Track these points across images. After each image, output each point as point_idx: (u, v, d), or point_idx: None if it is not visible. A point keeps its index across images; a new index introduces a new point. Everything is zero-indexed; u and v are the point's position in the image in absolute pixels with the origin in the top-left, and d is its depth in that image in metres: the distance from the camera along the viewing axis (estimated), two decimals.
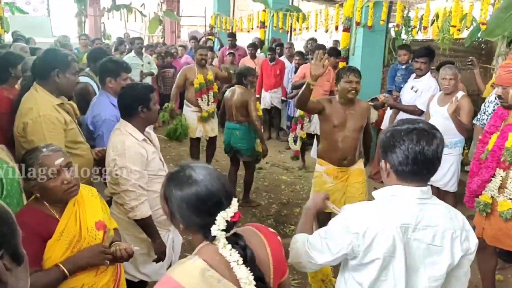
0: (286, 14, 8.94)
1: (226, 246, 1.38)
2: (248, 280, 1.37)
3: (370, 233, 1.61)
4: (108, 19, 15.49)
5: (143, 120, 2.65)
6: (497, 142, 2.98)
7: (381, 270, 1.63)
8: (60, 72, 2.72)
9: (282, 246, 1.58)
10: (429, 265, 1.63)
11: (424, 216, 1.63)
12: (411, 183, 1.65)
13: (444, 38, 5.80)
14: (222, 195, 1.42)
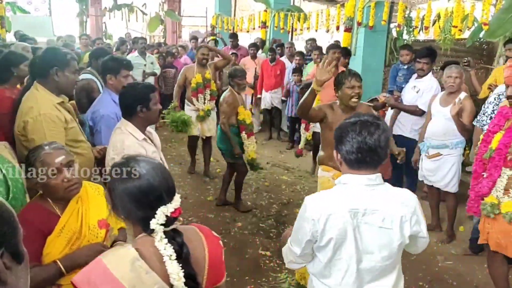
0: (287, 14, 8.95)
1: (163, 240, 1.41)
2: (177, 276, 1.39)
3: (324, 218, 1.77)
4: (109, 18, 15.50)
5: (143, 119, 2.65)
6: (503, 140, 2.92)
7: (335, 250, 1.81)
8: (59, 70, 2.72)
9: (222, 251, 1.62)
10: (381, 246, 1.80)
11: (372, 201, 1.77)
12: (359, 171, 1.79)
13: (446, 38, 5.80)
14: (163, 190, 1.45)
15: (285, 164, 6.81)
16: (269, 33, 9.76)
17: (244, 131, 4.88)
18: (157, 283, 1.37)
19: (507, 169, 2.89)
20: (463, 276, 3.84)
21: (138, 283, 1.35)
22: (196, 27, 18.15)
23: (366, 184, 1.79)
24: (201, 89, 5.83)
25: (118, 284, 1.33)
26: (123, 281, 1.33)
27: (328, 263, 1.86)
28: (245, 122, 4.88)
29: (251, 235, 4.51)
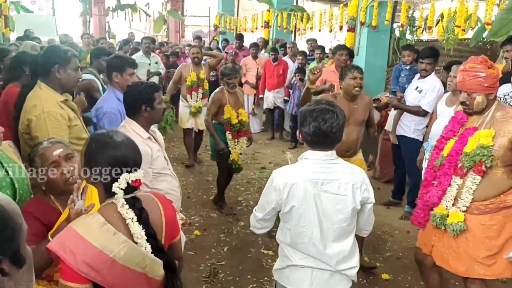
0: (290, 14, 8.95)
1: (124, 206, 1.64)
2: (140, 235, 1.63)
3: (288, 187, 2.11)
4: (112, 18, 15.52)
5: (147, 119, 2.67)
6: (454, 147, 2.71)
7: (299, 217, 2.13)
8: (61, 67, 2.74)
9: (175, 212, 1.91)
10: (338, 210, 2.13)
11: (329, 172, 2.12)
12: (317, 149, 2.14)
13: (449, 38, 5.80)
14: (131, 160, 1.69)
15: (287, 164, 6.80)
16: (272, 33, 9.76)
17: (229, 131, 4.79)
18: (124, 242, 1.58)
19: (457, 177, 2.65)
20: None
21: (108, 243, 1.56)
22: (199, 26, 18.18)
23: (323, 159, 2.13)
24: (195, 87, 6.29)
25: (90, 245, 1.53)
26: (95, 243, 1.54)
27: (294, 231, 2.16)
28: (230, 122, 4.77)
29: (254, 234, 4.49)
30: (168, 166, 2.81)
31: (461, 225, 2.62)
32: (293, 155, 2.65)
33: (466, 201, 2.63)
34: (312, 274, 2.18)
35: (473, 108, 2.62)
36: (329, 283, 2.19)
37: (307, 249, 2.16)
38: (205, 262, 3.94)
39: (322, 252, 2.15)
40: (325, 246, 2.14)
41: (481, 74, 2.55)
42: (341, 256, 2.17)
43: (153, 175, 2.64)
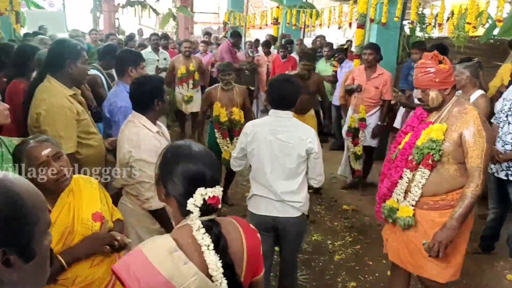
0: (300, 10, 8.91)
1: (200, 230, 1.41)
2: (216, 266, 1.39)
3: (252, 132, 2.84)
4: (122, 14, 15.58)
5: (157, 112, 2.70)
6: (409, 140, 2.69)
7: (258, 155, 2.83)
8: (72, 62, 2.75)
9: (260, 244, 1.60)
10: (286, 154, 2.78)
11: (283, 126, 2.81)
12: (278, 108, 2.84)
13: (459, 35, 5.74)
14: (208, 175, 1.46)
15: None
16: (281, 29, 9.74)
17: (218, 129, 4.73)
18: (195, 274, 1.36)
19: (407, 170, 2.63)
20: (473, 275, 3.81)
21: (177, 273, 1.34)
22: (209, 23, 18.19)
23: (281, 116, 2.83)
24: (185, 78, 7.04)
25: (156, 274, 1.33)
26: (162, 271, 1.33)
27: (255, 167, 2.88)
28: (218, 120, 4.68)
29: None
30: None
31: (409, 220, 2.60)
32: None
33: (415, 195, 2.60)
34: (265, 201, 2.87)
35: (429, 104, 2.58)
36: (279, 209, 2.85)
37: (262, 182, 2.85)
38: None
39: (271, 186, 2.82)
40: (275, 181, 2.81)
41: (431, 70, 2.52)
42: (288, 191, 2.82)
43: None
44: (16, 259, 0.85)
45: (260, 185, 2.87)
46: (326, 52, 7.55)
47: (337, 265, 3.92)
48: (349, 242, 4.33)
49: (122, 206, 2.70)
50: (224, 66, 4.82)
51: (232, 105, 4.73)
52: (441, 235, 2.45)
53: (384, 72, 5.27)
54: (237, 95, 4.77)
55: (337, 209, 5.13)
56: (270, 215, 2.87)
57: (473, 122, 2.45)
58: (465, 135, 2.45)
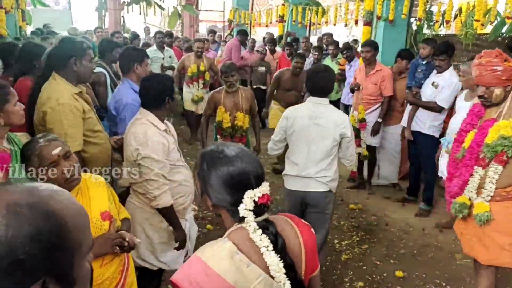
0: (305, 8, 8.87)
1: (257, 231, 1.36)
2: (278, 267, 1.33)
3: (292, 117, 3.21)
4: (127, 12, 15.56)
5: (167, 110, 2.70)
6: (475, 139, 2.75)
7: (297, 138, 3.19)
8: (78, 60, 2.74)
9: (316, 239, 1.54)
10: (322, 137, 3.14)
11: (320, 111, 3.16)
12: (316, 96, 3.20)
13: (467, 33, 5.68)
14: (251, 174, 1.39)
15: None
16: (287, 27, 9.69)
17: (220, 135, 4.53)
18: (260, 276, 1.31)
19: (479, 168, 2.71)
20: None
21: (241, 277, 1.29)
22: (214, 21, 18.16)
23: (318, 103, 3.18)
24: (196, 78, 6.92)
25: (220, 280, 1.28)
26: (226, 276, 1.28)
27: (293, 148, 3.25)
28: (220, 125, 4.48)
29: None
30: (181, 158, 2.81)
31: (487, 215, 2.66)
32: None
33: (490, 191, 2.67)
34: (298, 178, 3.23)
35: (492, 101, 2.67)
36: (309, 185, 3.21)
37: (298, 161, 3.21)
38: None
39: (306, 165, 3.18)
40: (310, 161, 3.17)
41: (499, 68, 2.57)
42: (320, 169, 3.17)
43: (170, 166, 2.63)
44: (55, 285, 0.76)
45: (295, 164, 3.23)
46: (332, 51, 7.51)
47: (344, 265, 3.89)
48: (356, 241, 4.30)
49: (130, 205, 2.69)
50: (227, 67, 4.49)
51: (236, 110, 4.48)
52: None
53: (382, 69, 5.24)
54: (242, 99, 4.52)
55: (344, 208, 5.10)
56: (302, 190, 3.24)
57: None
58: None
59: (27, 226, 0.71)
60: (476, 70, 2.69)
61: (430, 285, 3.61)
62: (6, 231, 0.69)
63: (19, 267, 0.69)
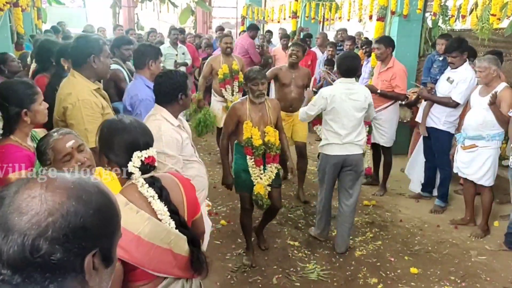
0: (319, 3, 8.82)
1: (144, 185, 1.71)
2: (163, 211, 1.69)
3: (330, 96, 3.76)
4: (141, 10, 15.65)
5: (181, 106, 2.73)
6: None
7: (336, 112, 3.78)
8: (96, 57, 2.80)
9: (195, 189, 1.95)
10: (356, 109, 3.81)
11: (352, 89, 3.83)
12: (347, 77, 3.84)
13: (483, 27, 5.59)
14: (141, 140, 1.77)
15: (313, 156, 6.76)
16: (300, 23, 9.65)
17: (251, 155, 3.63)
18: (148, 219, 1.66)
19: None
20: (497, 272, 3.74)
21: (132, 221, 1.63)
22: (227, 18, 18.16)
23: (350, 82, 3.85)
24: (229, 80, 5.73)
25: None
26: None
27: (332, 121, 3.82)
28: (251, 144, 3.60)
29: (280, 226, 4.50)
30: (195, 153, 2.84)
31: None
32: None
33: None
34: (339, 145, 3.85)
35: None
36: (349, 149, 3.86)
37: (339, 131, 3.80)
38: (231, 252, 3.96)
39: (347, 132, 3.81)
40: (349, 129, 3.81)
41: None
42: (355, 134, 3.84)
43: (183, 161, 2.66)
44: (100, 263, 0.85)
45: (337, 134, 3.82)
46: (348, 46, 7.47)
47: (358, 261, 3.88)
48: (370, 238, 4.29)
49: None
50: (256, 72, 3.64)
51: (264, 124, 3.68)
52: None
53: (393, 66, 5.13)
54: (270, 110, 3.73)
55: (358, 204, 5.06)
56: (344, 154, 3.87)
57: None
58: None
59: (93, 200, 0.84)
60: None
61: (445, 282, 3.59)
62: (78, 202, 0.82)
63: (84, 233, 0.81)
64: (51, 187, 0.81)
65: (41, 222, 0.77)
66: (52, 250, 0.77)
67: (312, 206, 4.96)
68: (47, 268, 0.78)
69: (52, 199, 0.79)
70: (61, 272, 0.80)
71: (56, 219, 0.78)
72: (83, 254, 0.82)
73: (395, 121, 5.30)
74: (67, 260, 0.79)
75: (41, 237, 0.77)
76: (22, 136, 2.31)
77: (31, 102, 2.31)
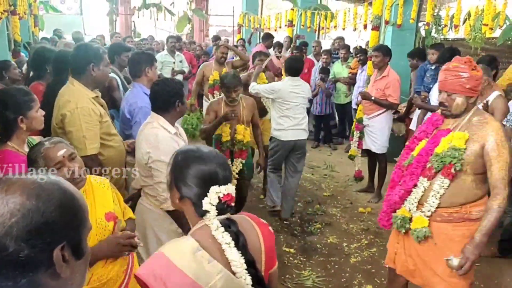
0: (314, 12, 8.91)
1: (219, 229, 1.44)
2: (239, 263, 1.41)
3: (279, 90, 4.56)
4: (138, 17, 15.72)
5: (177, 114, 2.75)
6: (425, 147, 2.57)
7: (286, 102, 4.57)
8: (95, 66, 2.83)
9: (274, 237, 1.64)
10: (301, 98, 4.67)
11: (297, 85, 4.63)
12: (293, 76, 4.65)
13: (476, 37, 5.68)
14: (220, 172, 1.51)
15: (310, 163, 6.82)
16: (296, 31, 9.73)
17: (219, 149, 4.07)
18: (220, 272, 1.38)
19: (424, 179, 2.51)
20: (491, 278, 3.78)
21: (202, 273, 1.36)
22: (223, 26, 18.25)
23: (296, 79, 4.64)
24: (218, 86, 5.76)
25: (183, 275, 1.34)
26: (188, 272, 1.35)
27: (285, 110, 4.59)
28: (219, 139, 4.17)
29: (276, 232, 4.53)
30: None
31: (425, 231, 2.49)
32: None
33: (432, 206, 2.49)
34: (292, 131, 4.62)
35: (452, 110, 2.50)
36: (298, 133, 4.67)
37: (291, 118, 4.60)
38: None
39: (297, 119, 4.62)
40: (298, 117, 4.62)
41: (464, 75, 2.42)
42: (301, 118, 4.68)
43: None
44: (70, 255, 0.90)
45: (289, 119, 4.59)
46: (343, 55, 7.56)
47: (353, 268, 3.92)
48: (365, 244, 4.33)
49: (141, 207, 2.75)
50: (231, 79, 4.05)
51: (237, 122, 4.16)
52: (472, 251, 2.34)
53: (388, 75, 5.18)
54: (244, 109, 4.20)
55: (353, 211, 5.13)
56: (294, 139, 4.64)
57: (495, 133, 2.37)
58: (487, 146, 2.36)
59: (53, 197, 0.89)
60: (442, 74, 2.52)
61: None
62: (37, 200, 0.87)
63: (48, 228, 0.86)
64: (11, 190, 0.87)
65: (5, 223, 0.83)
66: (19, 247, 0.83)
67: (308, 213, 5.00)
68: (17, 264, 0.84)
69: (13, 201, 0.85)
70: (31, 267, 0.85)
71: (19, 219, 0.84)
72: (49, 248, 0.87)
73: (386, 129, 5.36)
74: (35, 255, 0.85)
75: (6, 237, 0.83)
76: (19, 142, 2.34)
77: (28, 109, 2.34)
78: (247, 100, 4.31)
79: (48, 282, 0.88)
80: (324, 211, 5.07)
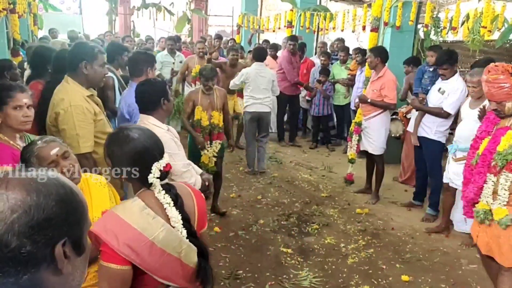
0: (314, 13, 8.92)
1: (161, 192, 1.73)
2: (177, 219, 1.71)
3: (247, 74, 6.20)
4: (137, 17, 15.73)
5: (164, 112, 2.74)
6: (488, 146, 2.87)
7: (253, 84, 6.17)
8: (88, 63, 2.83)
9: (205, 202, 1.96)
10: (267, 81, 6.22)
11: (262, 69, 6.25)
12: (259, 61, 6.29)
13: (475, 39, 5.69)
14: (155, 151, 1.76)
15: (308, 164, 6.82)
16: (295, 32, 9.73)
17: (199, 133, 4.70)
18: (163, 225, 1.67)
19: (491, 175, 2.83)
20: (488, 280, 3.77)
21: (147, 226, 1.64)
22: (222, 26, 18.27)
23: (261, 65, 6.27)
24: (199, 77, 6.47)
25: (131, 228, 1.62)
26: (136, 225, 1.62)
27: (252, 89, 6.19)
28: (200, 124, 4.72)
29: (273, 233, 4.54)
30: (185, 156, 2.89)
31: (509, 218, 2.75)
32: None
33: (504, 197, 2.77)
34: (257, 105, 6.18)
35: (505, 113, 2.78)
36: (263, 107, 6.23)
37: (256, 96, 6.15)
38: (224, 259, 3.98)
39: (261, 96, 6.15)
40: (262, 94, 6.16)
41: (506, 85, 2.69)
42: (264, 97, 6.19)
43: None
44: (71, 251, 0.90)
45: (255, 98, 6.13)
46: (342, 56, 7.58)
47: (350, 268, 3.92)
48: (362, 245, 4.33)
49: None
50: (209, 72, 4.77)
51: (212, 109, 4.77)
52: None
53: (384, 75, 5.20)
54: (217, 98, 4.83)
55: (351, 212, 5.13)
56: (258, 111, 6.21)
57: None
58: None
59: (53, 193, 0.89)
60: (485, 86, 2.79)
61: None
62: (38, 196, 0.86)
63: (49, 224, 0.86)
64: (11, 186, 0.86)
65: (7, 219, 0.83)
66: (21, 243, 0.83)
67: (305, 214, 5.00)
68: (19, 261, 0.84)
69: (13, 197, 0.85)
70: (32, 263, 0.85)
71: (20, 215, 0.83)
72: (51, 244, 0.87)
73: (383, 130, 5.36)
74: (36, 251, 0.85)
75: (8, 233, 0.82)
76: (10, 135, 2.38)
77: (3, 104, 2.35)
78: (220, 91, 5.01)
79: (50, 278, 0.88)
80: (322, 211, 5.07)
